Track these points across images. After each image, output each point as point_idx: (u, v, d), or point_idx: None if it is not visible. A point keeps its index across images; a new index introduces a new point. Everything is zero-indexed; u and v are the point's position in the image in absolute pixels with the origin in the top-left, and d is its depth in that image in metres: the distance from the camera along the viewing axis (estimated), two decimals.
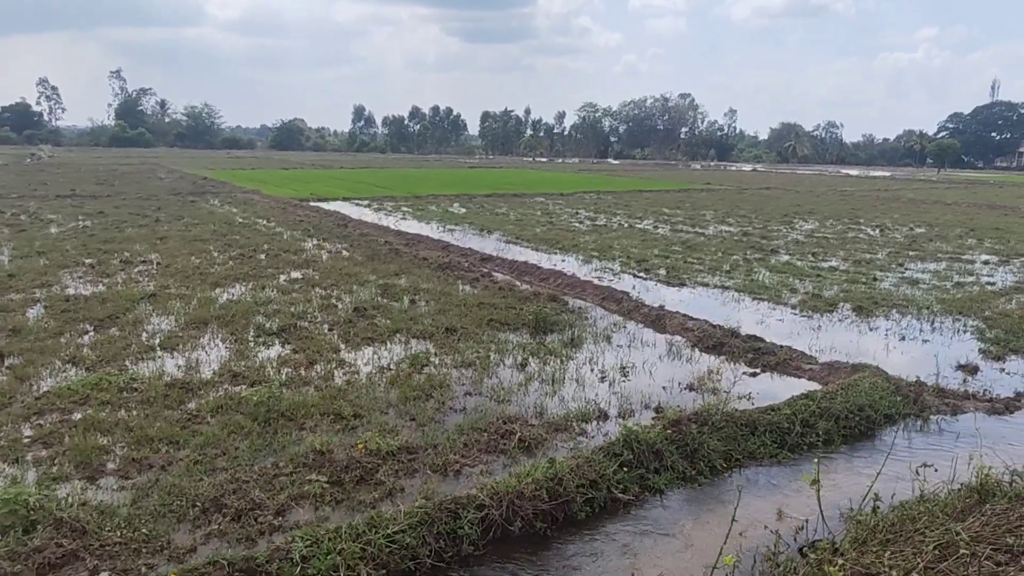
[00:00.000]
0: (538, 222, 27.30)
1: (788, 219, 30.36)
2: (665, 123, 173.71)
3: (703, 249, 21.46)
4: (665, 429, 6.86)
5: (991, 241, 24.66)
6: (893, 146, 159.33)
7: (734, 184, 55.05)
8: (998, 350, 11.86)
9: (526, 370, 9.42)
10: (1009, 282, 17.62)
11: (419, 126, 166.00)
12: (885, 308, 14.61)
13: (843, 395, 7.89)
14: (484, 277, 14.99)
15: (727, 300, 15.23)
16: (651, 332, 11.65)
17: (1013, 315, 13.99)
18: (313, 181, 46.93)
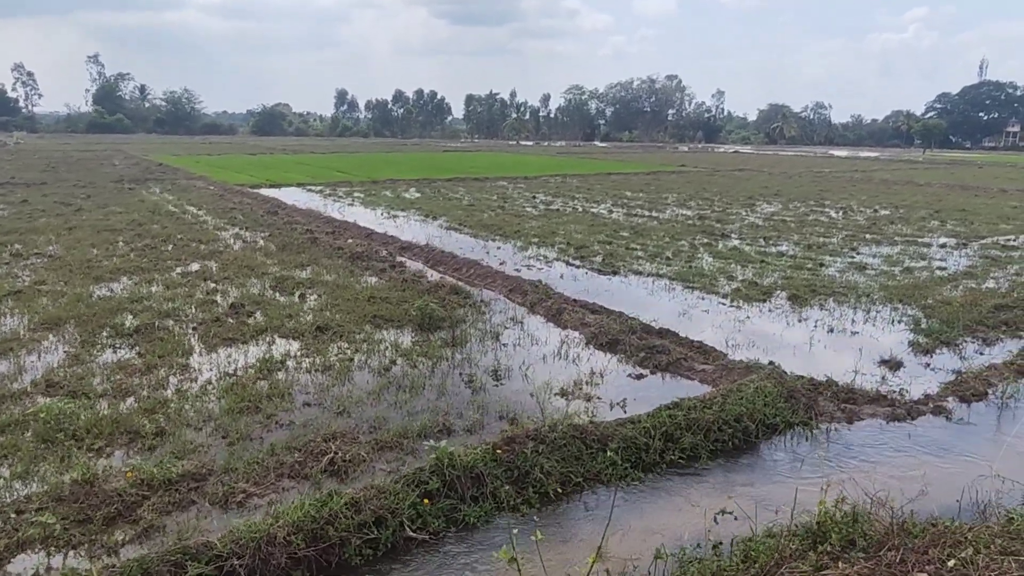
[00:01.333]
0: (490, 207, 26.29)
1: (751, 202, 29.42)
2: (652, 105, 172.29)
3: (651, 234, 20.52)
4: (494, 449, 5.91)
5: (954, 223, 23.79)
6: (881, 127, 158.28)
7: (710, 166, 54.04)
8: (929, 343, 10.98)
9: (389, 374, 8.47)
10: (961, 267, 16.75)
11: (403, 110, 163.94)
12: (823, 296, 13.73)
13: (720, 403, 6.96)
14: (395, 267, 14.01)
15: (656, 289, 14.31)
16: (549, 327, 10.70)
17: (954, 303, 13.10)
18: (276, 167, 45.72)
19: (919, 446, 6.93)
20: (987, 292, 14.04)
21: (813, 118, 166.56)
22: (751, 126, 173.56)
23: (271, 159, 54.57)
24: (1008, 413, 7.83)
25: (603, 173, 43.98)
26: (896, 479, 6.13)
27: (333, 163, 50.60)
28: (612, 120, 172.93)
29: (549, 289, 13.63)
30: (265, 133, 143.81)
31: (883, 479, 5.98)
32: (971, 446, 6.96)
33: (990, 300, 13.31)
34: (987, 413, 7.83)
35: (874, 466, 6.37)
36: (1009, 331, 11.69)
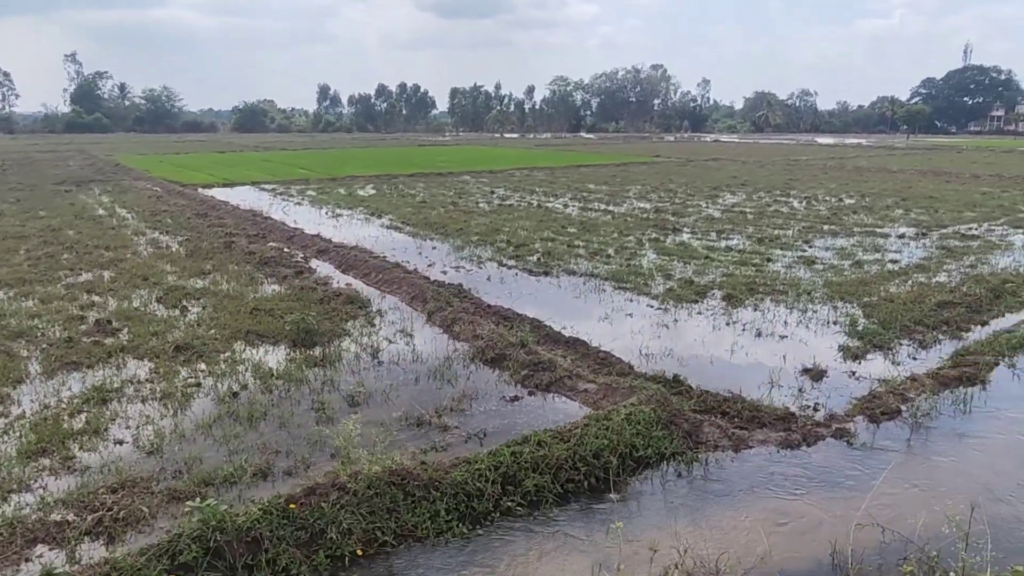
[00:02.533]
0: (442, 203, 25.31)
1: (715, 193, 28.51)
2: (637, 95, 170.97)
3: (601, 230, 19.60)
4: (288, 503, 4.97)
5: (918, 211, 22.93)
6: (867, 113, 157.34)
7: (685, 156, 53.11)
8: (860, 347, 10.11)
9: (233, 403, 7.50)
10: (915, 259, 15.88)
11: (386, 104, 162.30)
12: (760, 296, 12.85)
13: (579, 435, 6.02)
14: (302, 274, 13.05)
15: (585, 291, 13.40)
16: (439, 339, 9.75)
17: (897, 300, 12.23)
18: (240, 165, 44.58)
19: (804, 481, 6.02)
20: (935, 287, 13.17)
21: (799, 105, 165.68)
22: (738, 115, 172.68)
23: (239, 157, 53.39)
24: (919, 435, 6.92)
25: (573, 166, 43.01)
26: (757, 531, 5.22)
27: (300, 160, 49.47)
28: (598, 111, 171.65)
29: (467, 294, 12.73)
30: (247, 130, 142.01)
31: (741, 531, 5.07)
32: (865, 479, 6.05)
33: (936, 296, 12.44)
34: (896, 435, 6.92)
35: (738, 513, 5.46)
36: (949, 331, 10.82)
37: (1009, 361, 8.87)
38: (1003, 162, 44.27)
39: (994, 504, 5.57)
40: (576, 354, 9.74)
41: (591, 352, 9.71)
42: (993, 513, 5.36)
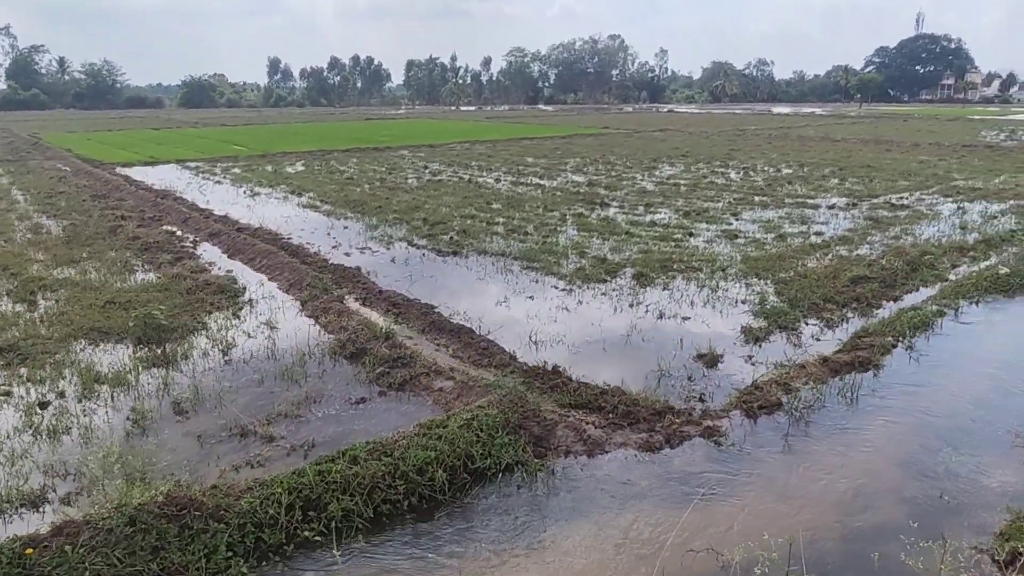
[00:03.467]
0: (370, 180, 24.28)
1: (654, 164, 27.88)
2: (595, 66, 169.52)
3: (526, 205, 18.83)
4: (24, 548, 4.14)
5: (854, 181, 22.57)
6: (823, 82, 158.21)
7: (634, 127, 52.44)
8: (764, 327, 9.54)
9: (43, 412, 6.59)
10: (840, 231, 15.43)
11: (339, 78, 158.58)
12: (673, 273, 12.25)
13: (405, 446, 5.28)
14: (182, 259, 12.07)
15: (492, 272, 12.66)
16: (303, 332, 8.90)
17: (811, 276, 11.72)
18: (172, 142, 42.70)
19: (655, 492, 5.36)
20: (853, 261, 12.70)
21: (756, 75, 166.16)
22: (696, 85, 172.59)
23: (175, 134, 51.28)
24: (797, 432, 6.32)
25: (517, 138, 42.03)
26: (593, 556, 4.54)
27: (238, 136, 47.67)
28: (556, 83, 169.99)
29: (362, 279, 11.92)
30: (195, 106, 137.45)
31: (576, 556, 4.39)
32: (723, 488, 5.41)
33: (852, 270, 11.95)
34: (771, 432, 6.31)
35: (573, 533, 4.77)
36: (859, 308, 10.31)
37: (908, 342, 8.35)
38: (945, 130, 44.45)
39: (854, 517, 4.98)
40: (459, 343, 9.03)
41: (475, 341, 9.00)
42: (848, 531, 4.78)
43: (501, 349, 8.73)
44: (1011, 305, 9.97)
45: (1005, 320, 9.50)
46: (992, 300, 10.06)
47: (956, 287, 10.40)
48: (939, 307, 9.48)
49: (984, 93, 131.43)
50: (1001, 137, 38.76)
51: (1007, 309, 9.86)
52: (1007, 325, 9.38)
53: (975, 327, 9.04)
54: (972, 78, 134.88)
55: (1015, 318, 9.64)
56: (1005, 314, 9.66)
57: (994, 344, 8.44)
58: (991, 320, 9.38)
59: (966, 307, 9.77)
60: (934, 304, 9.65)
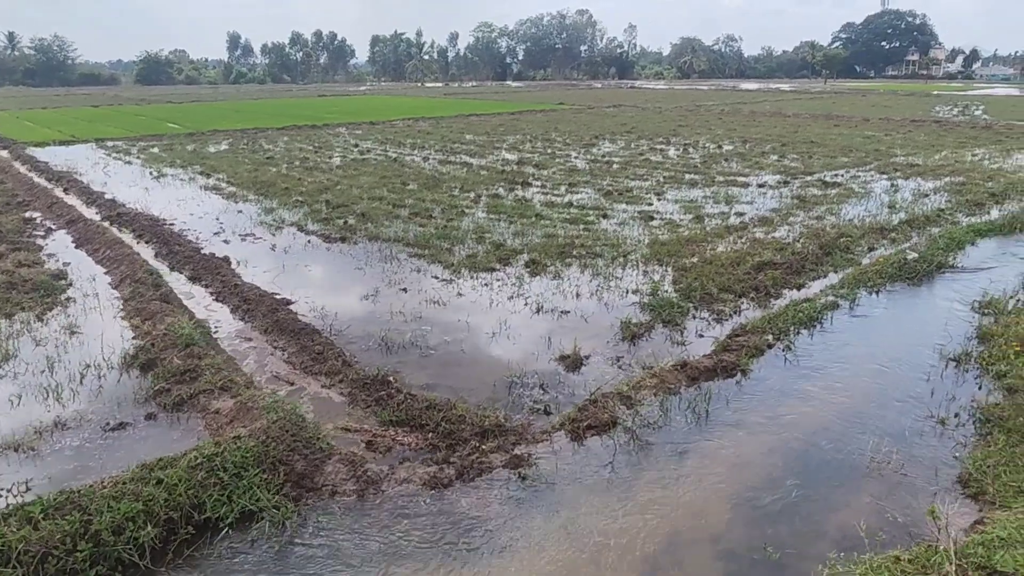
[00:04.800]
0: (292, 159, 22.99)
1: (594, 141, 26.84)
2: (563, 42, 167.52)
3: (445, 185, 17.74)
4: None
5: (793, 157, 21.75)
6: (791, 58, 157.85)
7: (590, 103, 51.28)
8: (646, 322, 8.63)
9: None
10: (762, 211, 14.57)
11: (301, 54, 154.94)
12: (570, 260, 11.28)
13: (108, 495, 4.22)
14: (19, 251, 10.82)
15: (373, 260, 11.65)
16: (102, 338, 7.74)
17: (715, 261, 10.81)
18: (104, 120, 40.73)
19: (417, 554, 4.35)
20: (767, 244, 11.82)
21: (725, 51, 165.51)
22: (665, 61, 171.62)
23: (112, 111, 49.12)
24: (626, 459, 5.35)
25: (466, 115, 40.72)
26: None
27: (176, 114, 45.77)
28: (525, 58, 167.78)
29: (220, 270, 10.80)
30: (152, 83, 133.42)
31: None
32: (507, 547, 4.42)
33: (762, 254, 11.06)
34: (594, 460, 5.35)
35: None
36: (758, 298, 9.42)
37: (788, 341, 7.44)
38: (899, 105, 43.91)
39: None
40: (297, 346, 8.01)
41: (314, 344, 7.98)
42: None
43: (339, 353, 7.72)
44: (914, 294, 9.09)
45: (902, 312, 8.58)
46: (895, 289, 9.18)
47: (859, 274, 9.53)
48: (835, 298, 8.60)
49: (947, 69, 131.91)
50: (954, 112, 38.26)
51: (908, 299, 8.96)
52: (902, 318, 8.44)
53: (868, 321, 8.13)
54: (936, 54, 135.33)
55: (912, 309, 8.71)
56: (903, 305, 8.75)
57: (882, 341, 7.54)
58: (888, 312, 8.46)
59: (865, 297, 8.89)
60: (830, 294, 8.77)
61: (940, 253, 10.22)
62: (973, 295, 8.71)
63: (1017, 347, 6.50)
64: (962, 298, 8.67)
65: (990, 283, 9.17)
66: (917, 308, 8.63)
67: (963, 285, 9.24)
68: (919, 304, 8.77)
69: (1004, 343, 6.73)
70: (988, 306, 8.13)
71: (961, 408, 5.85)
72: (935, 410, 5.86)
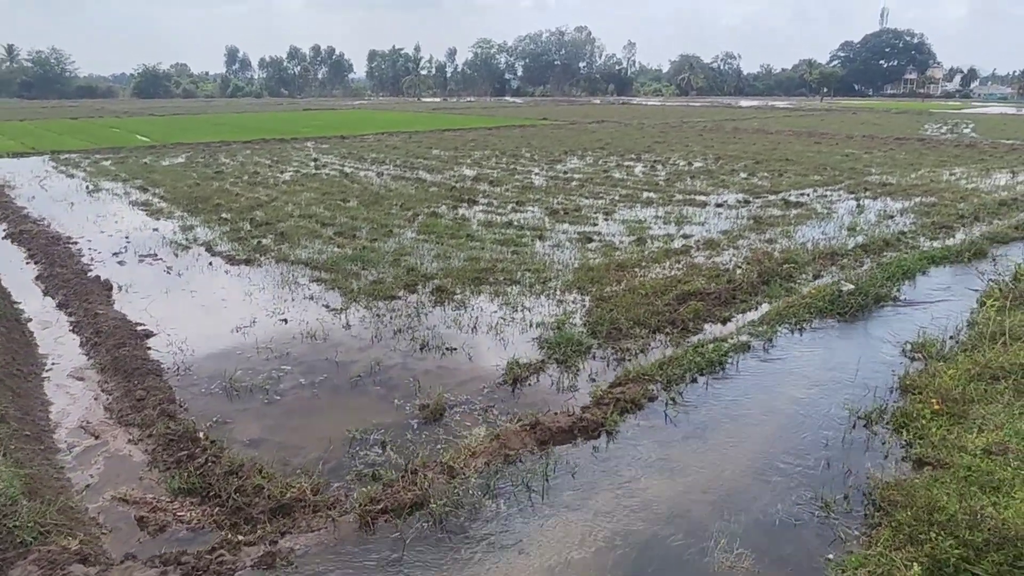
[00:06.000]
0: (240, 174, 22.03)
1: (562, 157, 25.85)
2: (562, 58, 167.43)
3: (386, 203, 16.73)
4: None
5: (762, 176, 20.72)
6: (789, 76, 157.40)
7: (573, 119, 50.41)
8: (537, 362, 7.57)
9: None
10: (712, 233, 13.54)
11: (299, 68, 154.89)
12: (482, 287, 10.24)
13: None
14: None
15: (269, 285, 10.61)
16: None
17: (640, 289, 9.75)
18: (73, 132, 39.84)
19: None
20: (704, 270, 10.77)
21: (723, 69, 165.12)
22: (664, 78, 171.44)
23: (88, 123, 48.30)
24: (417, 560, 4.24)
25: (442, 129, 39.83)
26: None
27: (150, 126, 44.99)
28: (524, 74, 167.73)
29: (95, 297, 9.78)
30: (149, 96, 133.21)
31: None
32: None
33: (693, 282, 9.99)
34: (369, 559, 4.23)
35: None
36: (673, 334, 8.35)
37: (676, 391, 6.33)
38: (889, 123, 42.95)
39: None
40: (123, 389, 6.97)
41: (140, 387, 6.91)
42: None
43: (162, 400, 6.66)
44: (841, 333, 7.91)
45: (821, 356, 7.26)
46: (822, 326, 8.06)
47: (785, 308, 8.43)
48: (750, 337, 7.50)
49: (945, 88, 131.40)
50: (943, 131, 37.26)
51: (832, 339, 7.74)
52: (819, 363, 7.14)
53: (779, 366, 6.99)
54: (933, 73, 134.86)
55: (834, 352, 7.34)
56: (825, 347, 7.49)
57: (789, 392, 6.38)
58: (805, 355, 7.27)
59: (785, 336, 7.76)
60: (746, 332, 7.67)
61: (882, 284, 9.11)
62: (909, 334, 7.59)
63: (936, 405, 5.41)
64: (895, 338, 7.54)
65: (931, 320, 8.07)
66: (839, 351, 7.43)
67: (901, 322, 8.12)
68: (843, 346, 7.57)
69: (924, 398, 5.63)
70: (921, 349, 7.01)
71: (854, 487, 4.74)
72: (822, 490, 4.75)
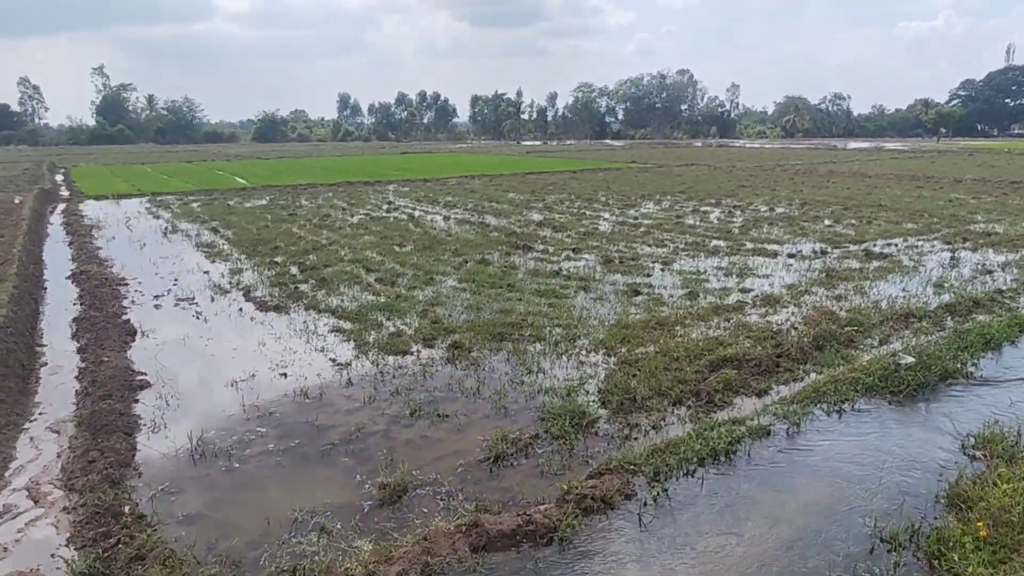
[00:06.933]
0: (311, 217, 22.40)
1: (638, 201, 24.92)
2: (663, 101, 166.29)
3: (441, 248, 16.44)
4: None
5: (848, 223, 19.09)
6: (904, 116, 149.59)
7: (666, 161, 49.25)
8: (529, 437, 6.75)
9: None
10: (776, 287, 12.35)
11: (405, 113, 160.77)
12: (508, 342, 9.58)
13: None
14: None
15: (287, 334, 10.33)
16: None
17: (673, 352, 8.78)
18: (179, 175, 42.24)
19: None
20: (755, 330, 9.65)
21: (832, 110, 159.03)
22: (769, 120, 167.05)
23: (197, 167, 51.17)
24: None
25: (525, 172, 39.65)
26: None
27: (253, 169, 47.23)
28: (624, 118, 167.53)
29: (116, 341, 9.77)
30: (267, 140, 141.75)
31: None
32: None
33: (738, 344, 8.95)
34: None
35: None
36: (696, 407, 7.34)
37: (662, 487, 5.34)
38: (1009, 165, 39.35)
39: None
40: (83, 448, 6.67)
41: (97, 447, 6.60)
42: None
43: (119, 462, 6.31)
44: (888, 418, 6.57)
45: (856, 448, 5.89)
46: (868, 407, 6.79)
47: (825, 384, 7.22)
48: (774, 418, 6.40)
49: None
50: None
51: (876, 426, 6.34)
52: (852, 458, 5.83)
53: (800, 460, 5.81)
54: None
55: (874, 444, 6.02)
56: (864, 436, 6.12)
57: (803, 497, 5.15)
58: (837, 447, 6.03)
59: (819, 419, 6.56)
60: (772, 412, 6.57)
61: (954, 355, 7.73)
62: (976, 423, 6.27)
63: (983, 530, 4.24)
64: (958, 428, 6.23)
65: (1010, 405, 6.69)
66: (882, 442, 6.10)
67: (971, 406, 6.75)
68: (888, 435, 6.22)
69: (973, 517, 4.44)
70: (986, 444, 5.72)
71: None
72: None
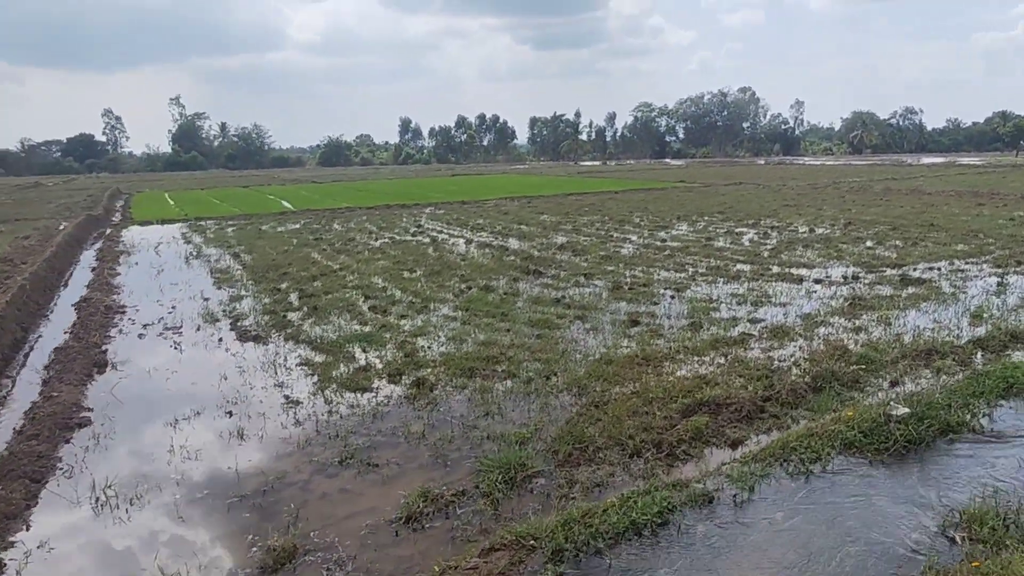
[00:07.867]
0: (335, 241, 22.26)
1: (672, 223, 23.88)
2: (724, 119, 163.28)
3: (452, 272, 15.95)
4: None
5: (891, 245, 17.70)
6: (981, 129, 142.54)
7: (713, 180, 47.77)
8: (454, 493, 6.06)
9: None
10: (790, 317, 11.31)
11: (465, 135, 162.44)
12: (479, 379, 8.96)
13: None
14: None
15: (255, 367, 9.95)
16: None
17: (648, 393, 7.95)
18: (228, 200, 43.21)
19: None
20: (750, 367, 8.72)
21: (903, 124, 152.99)
22: (835, 136, 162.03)
23: (252, 192, 52.41)
24: None
25: (567, 193, 38.93)
26: None
27: (304, 193, 48.03)
28: (685, 136, 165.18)
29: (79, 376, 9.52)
30: (331, 164, 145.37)
31: None
32: None
33: (728, 383, 8.06)
34: None
35: None
36: (653, 461, 6.52)
37: (558, 571, 4.53)
38: None
39: None
40: None
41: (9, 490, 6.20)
42: None
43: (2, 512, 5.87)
44: (864, 486, 5.40)
45: (813, 524, 4.92)
46: (843, 469, 5.77)
47: (799, 437, 6.24)
48: (727, 479, 5.50)
49: None
50: None
51: (846, 496, 5.21)
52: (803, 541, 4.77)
53: (739, 538, 4.81)
54: None
55: (835, 519, 4.98)
56: (827, 509, 5.07)
57: None
58: (790, 522, 4.97)
59: (779, 482, 5.57)
60: (722, 473, 5.66)
61: (963, 404, 6.63)
62: (969, 492, 5.22)
63: None
64: (944, 500, 5.19)
65: (1018, 469, 5.60)
66: (845, 518, 5.01)
67: (971, 469, 5.66)
68: (857, 508, 5.08)
69: None
70: (971, 524, 4.69)
71: None
72: None
